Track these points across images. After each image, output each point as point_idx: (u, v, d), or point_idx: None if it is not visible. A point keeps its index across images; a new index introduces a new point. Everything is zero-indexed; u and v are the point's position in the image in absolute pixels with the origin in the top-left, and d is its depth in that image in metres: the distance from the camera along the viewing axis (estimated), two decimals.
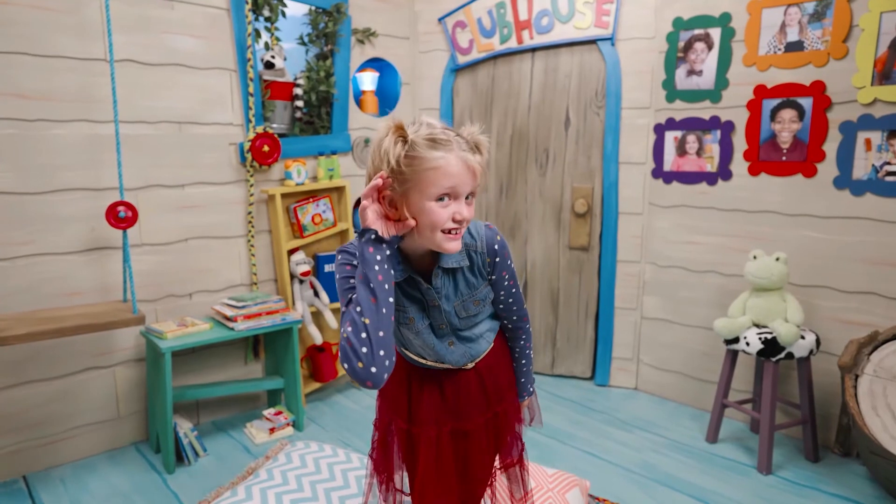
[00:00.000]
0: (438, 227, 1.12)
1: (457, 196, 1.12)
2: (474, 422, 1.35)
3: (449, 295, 1.26)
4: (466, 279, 1.27)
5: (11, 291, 2.37)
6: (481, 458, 1.38)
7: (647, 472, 2.54)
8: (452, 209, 1.12)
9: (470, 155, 1.12)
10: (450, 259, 1.23)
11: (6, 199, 2.32)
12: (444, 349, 1.31)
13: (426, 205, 1.10)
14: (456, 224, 1.13)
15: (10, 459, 2.43)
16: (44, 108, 2.36)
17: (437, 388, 1.35)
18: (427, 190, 1.09)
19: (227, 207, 2.93)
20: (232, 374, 3.03)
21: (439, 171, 1.09)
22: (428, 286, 1.23)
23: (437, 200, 1.11)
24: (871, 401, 2.18)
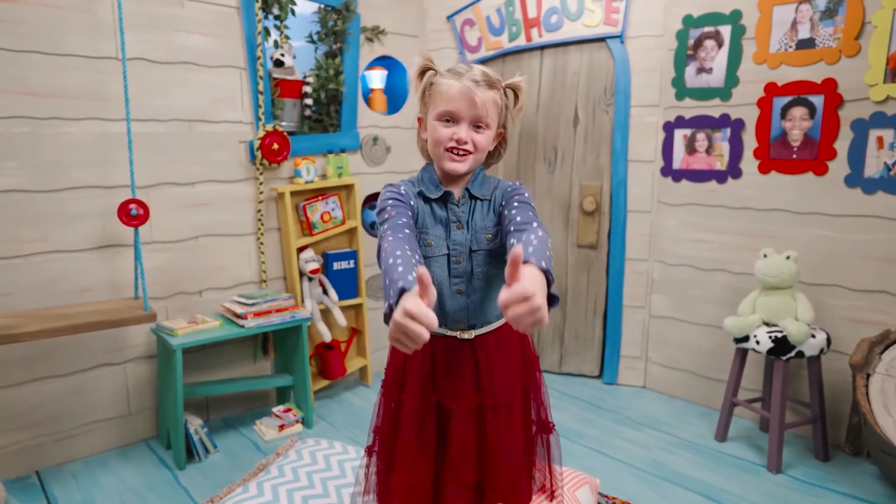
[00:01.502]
0: (441, 145, 1.29)
1: (457, 120, 1.28)
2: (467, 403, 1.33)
3: (468, 221, 1.34)
4: (485, 212, 1.35)
5: (24, 288, 2.39)
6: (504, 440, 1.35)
7: (657, 471, 2.54)
8: (453, 130, 1.28)
9: (475, 86, 1.26)
10: (478, 186, 1.36)
11: (18, 196, 2.33)
12: (450, 294, 1.31)
13: (432, 123, 1.30)
14: (455, 144, 1.28)
15: (24, 455, 2.45)
16: (55, 106, 2.37)
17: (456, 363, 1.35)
18: (433, 110, 1.30)
19: (237, 205, 2.94)
20: (241, 372, 3.04)
21: (442, 95, 1.28)
22: (456, 201, 1.34)
23: (442, 121, 1.29)
24: (882, 399, 2.17)
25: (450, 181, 1.36)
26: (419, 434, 1.33)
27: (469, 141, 1.28)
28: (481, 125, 1.29)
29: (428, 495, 1.34)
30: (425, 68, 1.32)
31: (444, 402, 1.34)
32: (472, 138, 1.28)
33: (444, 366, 1.35)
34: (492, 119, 1.30)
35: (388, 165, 3.52)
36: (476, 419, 1.34)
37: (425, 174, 1.38)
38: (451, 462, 1.32)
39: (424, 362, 1.35)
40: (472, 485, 1.33)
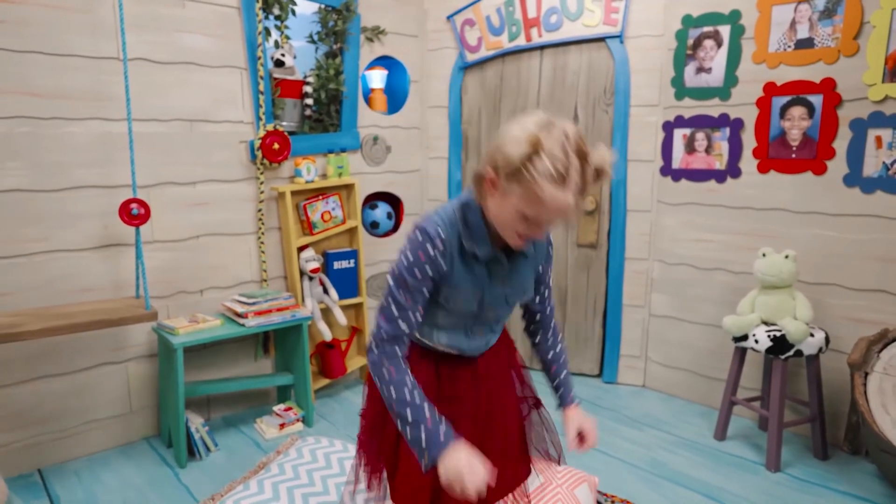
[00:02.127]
0: (512, 230, 1.18)
1: (538, 225, 1.16)
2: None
3: (513, 277, 1.31)
4: (527, 268, 1.34)
5: (26, 287, 2.40)
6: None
7: (656, 470, 2.55)
8: (529, 229, 1.17)
9: (578, 198, 1.12)
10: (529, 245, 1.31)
11: (21, 196, 2.35)
12: (471, 336, 1.34)
13: (512, 210, 1.14)
14: (525, 239, 1.19)
15: (26, 453, 2.46)
16: (57, 107, 2.39)
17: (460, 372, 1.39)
18: (520, 203, 1.12)
19: (238, 205, 2.95)
20: (242, 371, 3.06)
21: (539, 201, 1.11)
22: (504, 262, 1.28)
23: (523, 218, 1.15)
24: (880, 398, 2.18)
25: (498, 237, 1.25)
26: None
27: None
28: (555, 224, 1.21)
29: (428, 496, 1.35)
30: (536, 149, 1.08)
31: (452, 410, 1.37)
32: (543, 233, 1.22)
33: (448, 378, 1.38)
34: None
35: (388, 165, 3.53)
36: (478, 424, 1.37)
37: (472, 221, 1.23)
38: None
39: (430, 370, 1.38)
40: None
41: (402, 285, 1.21)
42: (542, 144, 1.08)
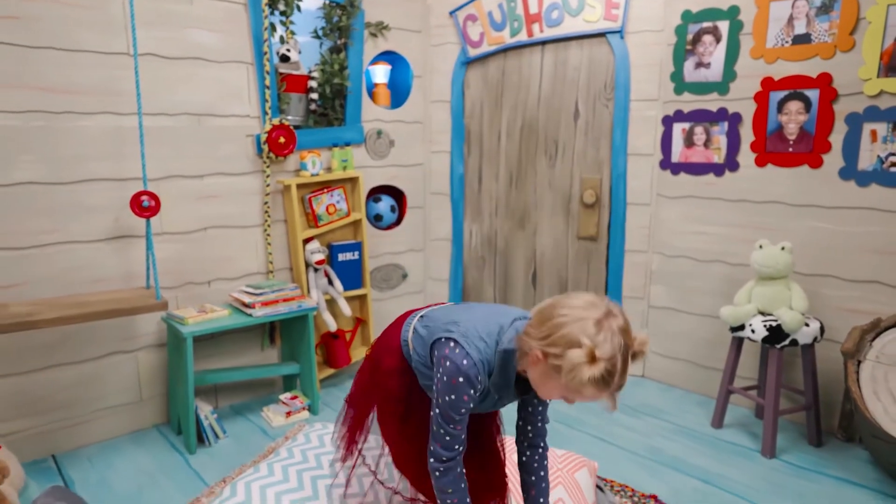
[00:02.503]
0: (546, 395, 1.34)
1: (572, 402, 1.30)
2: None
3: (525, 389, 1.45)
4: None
5: (40, 278, 2.46)
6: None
7: (654, 456, 2.61)
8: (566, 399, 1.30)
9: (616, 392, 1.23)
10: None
11: (35, 188, 2.40)
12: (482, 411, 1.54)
13: (552, 388, 1.28)
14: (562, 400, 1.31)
15: (40, 439, 2.53)
16: (69, 101, 2.44)
17: None
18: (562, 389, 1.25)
19: (244, 198, 3.00)
20: (249, 360, 3.12)
21: (582, 395, 1.24)
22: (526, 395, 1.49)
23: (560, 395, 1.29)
24: (872, 386, 2.24)
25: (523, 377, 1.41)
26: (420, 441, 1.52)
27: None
28: None
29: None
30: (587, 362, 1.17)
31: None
32: None
33: None
34: None
35: (391, 159, 3.58)
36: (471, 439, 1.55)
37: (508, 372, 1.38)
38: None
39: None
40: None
41: (451, 420, 1.37)
42: (597, 357, 1.17)
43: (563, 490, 2.01)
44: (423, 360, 1.47)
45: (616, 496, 2.29)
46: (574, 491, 2.03)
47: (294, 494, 1.91)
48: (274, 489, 1.92)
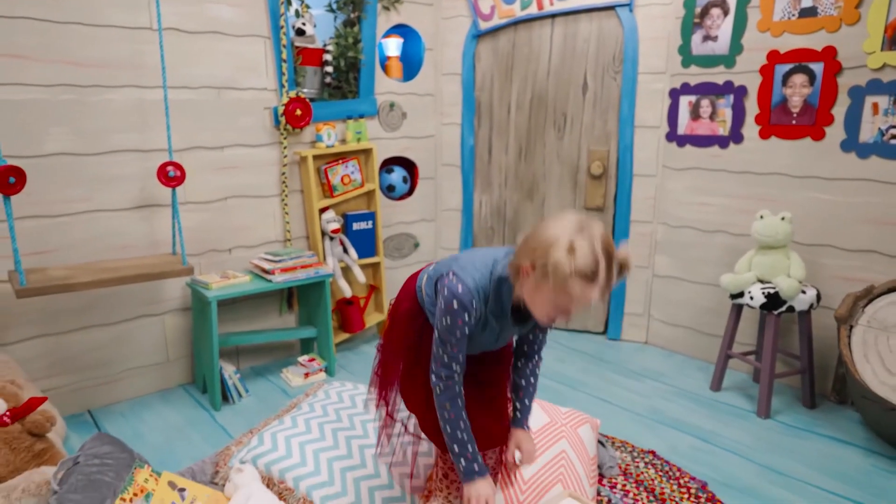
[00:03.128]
0: (547, 315, 1.39)
1: (566, 312, 1.36)
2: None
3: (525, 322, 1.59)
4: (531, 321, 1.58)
5: (72, 244, 2.60)
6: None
7: (654, 416, 2.75)
8: (557, 314, 1.37)
9: (604, 290, 1.31)
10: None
11: (66, 159, 2.52)
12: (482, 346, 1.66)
13: (544, 299, 1.35)
14: (551, 318, 1.40)
15: (77, 395, 2.70)
16: (97, 75, 2.54)
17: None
18: (552, 295, 1.32)
19: (263, 168, 3.12)
20: (268, 325, 3.27)
21: (569, 297, 1.30)
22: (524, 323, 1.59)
23: (553, 304, 1.35)
24: (863, 349, 2.35)
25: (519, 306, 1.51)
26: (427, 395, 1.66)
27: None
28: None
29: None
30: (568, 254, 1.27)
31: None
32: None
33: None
34: None
35: (404, 130, 3.67)
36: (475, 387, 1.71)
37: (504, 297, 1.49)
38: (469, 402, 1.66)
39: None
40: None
41: (447, 342, 1.50)
42: (576, 248, 1.26)
43: (567, 443, 2.15)
44: (431, 298, 1.60)
45: (616, 451, 2.43)
46: (577, 445, 2.17)
47: (316, 444, 2.06)
48: (298, 439, 2.08)
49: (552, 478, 2.03)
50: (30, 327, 2.54)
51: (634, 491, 2.18)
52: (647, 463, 2.36)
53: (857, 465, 2.36)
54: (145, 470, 1.80)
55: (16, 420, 2.01)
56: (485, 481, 1.57)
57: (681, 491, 2.18)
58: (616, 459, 2.35)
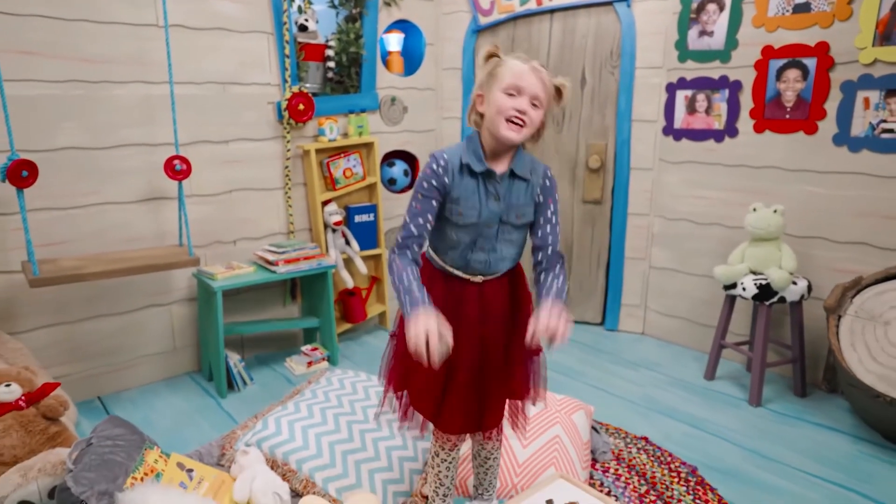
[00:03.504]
0: (503, 114, 1.44)
1: (521, 93, 1.44)
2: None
3: (507, 196, 1.54)
4: (522, 192, 1.55)
5: (82, 236, 2.67)
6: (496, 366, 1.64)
7: (648, 404, 2.82)
8: (516, 101, 1.44)
9: (540, 68, 1.46)
10: (520, 167, 1.54)
11: (76, 153, 2.60)
12: (475, 250, 1.57)
13: (496, 94, 1.45)
14: (516, 114, 1.43)
15: (88, 382, 2.79)
16: (105, 71, 2.61)
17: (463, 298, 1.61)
18: (498, 85, 1.45)
19: (267, 162, 3.18)
20: (272, 315, 3.35)
21: (511, 71, 1.44)
22: (499, 178, 1.53)
23: (507, 94, 1.44)
24: (850, 338, 2.41)
25: (495, 156, 1.53)
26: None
27: (527, 113, 1.44)
28: (537, 104, 1.46)
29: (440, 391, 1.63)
30: (492, 54, 1.50)
31: (456, 324, 1.60)
32: (529, 113, 1.45)
33: (455, 298, 1.62)
34: (545, 102, 1.48)
35: (405, 125, 3.73)
36: (476, 338, 1.62)
37: (471, 145, 1.53)
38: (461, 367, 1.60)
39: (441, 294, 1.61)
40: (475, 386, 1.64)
41: (415, 196, 1.52)
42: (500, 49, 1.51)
43: (561, 429, 2.23)
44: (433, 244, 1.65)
45: (610, 437, 2.50)
46: (570, 430, 2.25)
47: (318, 428, 2.14)
48: (301, 424, 2.16)
49: (546, 461, 2.11)
50: (42, 316, 2.62)
51: (626, 475, 2.26)
52: (640, 448, 2.43)
53: (844, 450, 2.43)
54: (155, 451, 1.89)
55: (31, 404, 2.10)
56: (428, 314, 1.40)
57: (671, 475, 2.25)
58: (609, 445, 2.42)
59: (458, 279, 1.61)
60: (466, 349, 1.60)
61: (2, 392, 2.05)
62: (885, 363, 2.29)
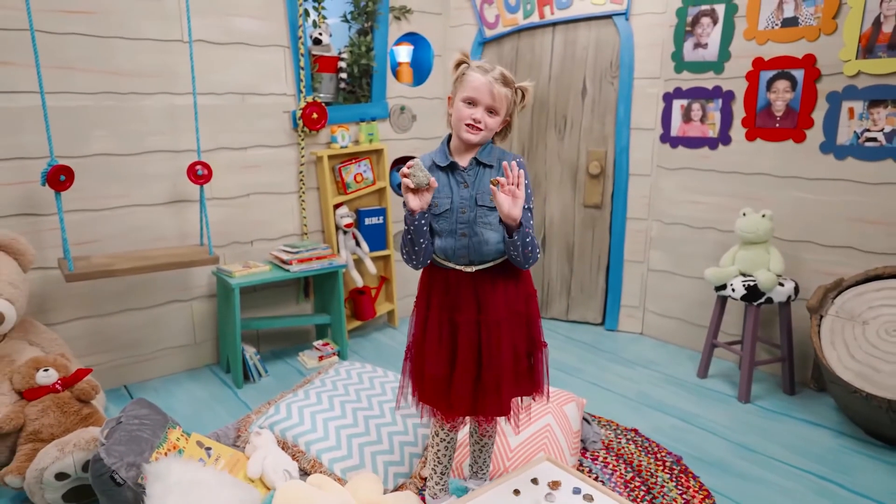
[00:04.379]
0: (462, 121, 1.67)
1: (476, 104, 1.66)
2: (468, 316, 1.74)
3: (476, 183, 1.71)
4: (489, 176, 1.70)
5: (110, 235, 2.89)
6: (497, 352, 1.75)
7: (641, 399, 2.95)
8: (472, 111, 1.66)
9: (495, 82, 1.64)
10: (485, 155, 1.73)
11: (106, 159, 2.81)
12: (456, 237, 1.70)
13: (458, 103, 1.68)
14: (471, 122, 1.65)
15: (114, 372, 3.00)
16: (134, 83, 2.82)
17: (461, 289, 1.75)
18: (461, 94, 1.68)
19: (282, 167, 3.38)
20: (286, 312, 3.54)
21: (470, 84, 1.65)
22: (463, 169, 1.72)
23: (466, 103, 1.66)
24: (830, 337, 2.53)
25: (460, 152, 1.73)
26: (439, 339, 1.76)
27: (482, 121, 1.66)
28: (493, 112, 1.67)
29: (446, 382, 1.78)
30: (461, 62, 1.70)
31: (454, 317, 1.76)
32: (484, 119, 1.66)
33: (454, 291, 1.77)
34: (501, 109, 1.68)
35: (413, 132, 3.91)
36: (475, 330, 1.76)
37: (441, 147, 1.75)
38: (459, 358, 1.75)
39: (441, 288, 1.77)
40: (473, 375, 1.76)
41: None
42: (468, 56, 1.71)
43: (552, 418, 2.38)
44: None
45: (601, 429, 2.65)
46: (561, 420, 2.40)
47: (326, 414, 2.32)
48: (310, 409, 2.34)
49: (536, 448, 2.26)
50: (74, 310, 2.84)
51: (614, 463, 2.40)
52: (629, 440, 2.57)
53: (826, 444, 2.54)
54: (177, 430, 2.08)
55: (66, 388, 2.31)
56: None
57: (657, 464, 2.39)
58: (600, 436, 2.57)
59: (452, 271, 1.75)
60: (465, 337, 1.73)
61: (41, 376, 2.27)
62: (862, 360, 2.41)
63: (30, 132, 2.58)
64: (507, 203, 1.57)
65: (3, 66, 2.50)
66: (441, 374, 1.76)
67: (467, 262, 1.74)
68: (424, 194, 1.61)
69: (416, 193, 1.60)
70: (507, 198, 1.57)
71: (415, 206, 1.61)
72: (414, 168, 1.57)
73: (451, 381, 1.76)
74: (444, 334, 1.76)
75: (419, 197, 1.61)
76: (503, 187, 1.58)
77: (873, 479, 2.31)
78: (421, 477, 2.21)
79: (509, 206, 1.57)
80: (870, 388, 2.33)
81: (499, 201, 1.58)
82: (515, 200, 1.58)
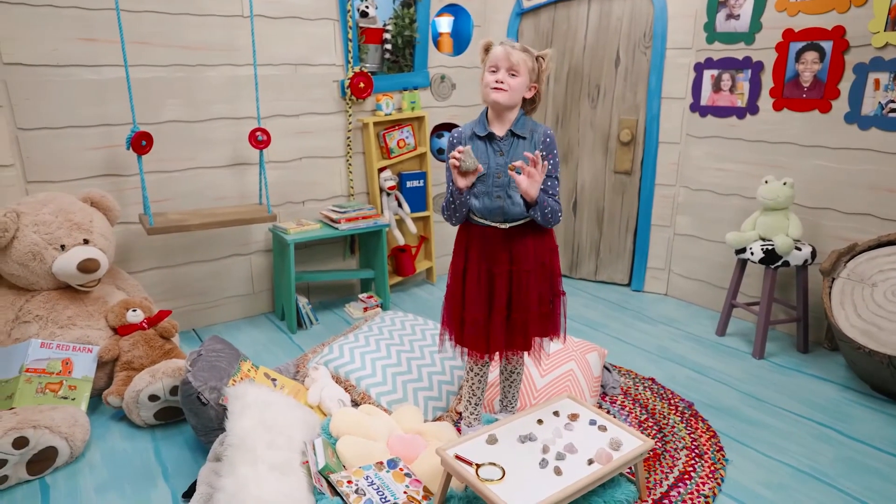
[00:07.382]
0: (488, 85, 1.91)
1: (498, 69, 1.90)
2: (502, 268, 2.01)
3: (510, 151, 1.96)
4: (524, 147, 1.95)
5: (180, 195, 3.22)
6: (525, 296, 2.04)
7: (660, 353, 3.18)
8: (496, 75, 1.90)
9: (510, 48, 1.88)
10: (519, 127, 1.96)
11: (178, 125, 3.12)
12: (492, 198, 1.95)
13: (484, 73, 1.94)
14: (495, 83, 1.88)
15: (185, 316, 3.37)
16: (201, 56, 3.10)
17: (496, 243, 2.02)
18: (486, 65, 1.94)
19: (331, 133, 3.65)
20: (334, 266, 3.86)
21: (491, 56, 1.92)
22: (500, 138, 1.97)
23: (490, 71, 1.91)
24: (840, 298, 2.70)
25: (497, 123, 1.97)
26: (478, 287, 2.04)
27: (505, 81, 1.89)
28: (514, 73, 1.89)
29: (484, 324, 2.06)
30: (487, 46, 1.96)
31: (491, 268, 2.03)
32: (507, 80, 1.89)
33: (490, 245, 2.03)
34: (522, 70, 1.90)
35: (453, 100, 4.12)
36: (507, 279, 2.03)
37: (479, 118, 2.01)
38: (495, 303, 2.03)
39: (479, 243, 2.04)
40: (505, 316, 2.04)
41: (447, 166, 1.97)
42: (490, 43, 1.97)
43: (575, 364, 2.64)
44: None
45: (621, 377, 2.90)
46: (584, 366, 2.65)
47: (374, 354, 2.63)
48: (359, 350, 2.65)
49: (559, 389, 2.53)
50: (151, 260, 3.20)
51: (630, 406, 2.66)
52: (646, 387, 2.81)
53: (831, 396, 2.74)
54: (248, 363, 2.41)
55: (151, 326, 2.67)
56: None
57: (670, 408, 2.64)
58: (619, 383, 2.82)
59: (489, 227, 2.02)
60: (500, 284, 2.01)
61: (131, 315, 2.63)
62: (867, 319, 2.58)
63: (113, 101, 2.89)
64: (524, 183, 1.84)
65: (89, 42, 2.81)
66: (481, 318, 2.04)
67: (502, 220, 2.00)
68: (470, 176, 1.88)
69: (464, 175, 1.87)
70: (526, 179, 1.84)
71: (462, 185, 1.89)
72: (464, 154, 1.83)
73: (489, 323, 2.04)
74: (483, 282, 2.04)
75: (466, 178, 1.88)
76: (524, 170, 1.84)
77: (870, 427, 2.51)
78: (456, 411, 2.51)
79: (526, 185, 1.84)
80: (872, 345, 2.51)
81: (518, 182, 1.85)
82: (532, 182, 1.84)
